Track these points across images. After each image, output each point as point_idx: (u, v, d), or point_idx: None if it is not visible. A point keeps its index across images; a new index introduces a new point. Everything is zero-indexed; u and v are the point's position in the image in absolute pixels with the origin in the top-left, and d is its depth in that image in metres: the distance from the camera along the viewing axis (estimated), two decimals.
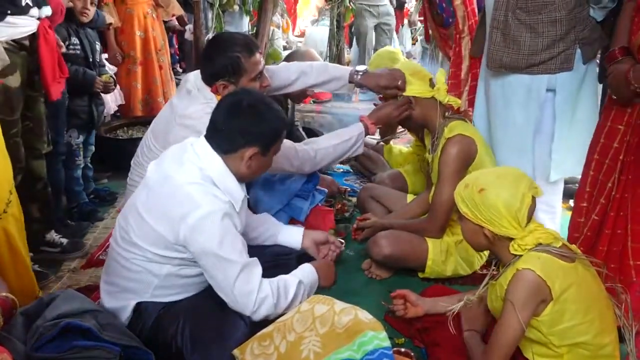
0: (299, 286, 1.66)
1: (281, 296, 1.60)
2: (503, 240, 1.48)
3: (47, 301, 1.53)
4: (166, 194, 1.53)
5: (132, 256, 1.57)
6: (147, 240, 1.54)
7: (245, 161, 1.58)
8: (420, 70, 2.22)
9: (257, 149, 1.58)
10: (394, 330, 1.82)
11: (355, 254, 2.42)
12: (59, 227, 2.50)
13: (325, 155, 2.25)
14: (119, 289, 1.63)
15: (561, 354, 1.42)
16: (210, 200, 1.51)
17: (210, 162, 1.56)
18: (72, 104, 2.69)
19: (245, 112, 1.58)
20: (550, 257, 1.40)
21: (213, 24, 4.34)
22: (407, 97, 2.15)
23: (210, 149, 1.58)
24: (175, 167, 1.56)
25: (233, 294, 1.53)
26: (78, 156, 2.82)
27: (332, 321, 1.42)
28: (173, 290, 1.62)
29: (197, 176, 1.53)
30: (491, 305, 1.56)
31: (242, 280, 1.53)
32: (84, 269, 2.33)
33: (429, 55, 4.28)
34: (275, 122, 1.62)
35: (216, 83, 1.94)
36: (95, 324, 1.46)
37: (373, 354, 1.34)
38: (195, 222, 1.48)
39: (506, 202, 1.44)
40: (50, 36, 1.91)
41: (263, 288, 1.57)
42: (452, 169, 2.01)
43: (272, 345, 1.45)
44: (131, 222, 1.58)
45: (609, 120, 1.69)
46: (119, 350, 1.42)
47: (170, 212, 1.50)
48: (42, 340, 1.38)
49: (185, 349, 1.54)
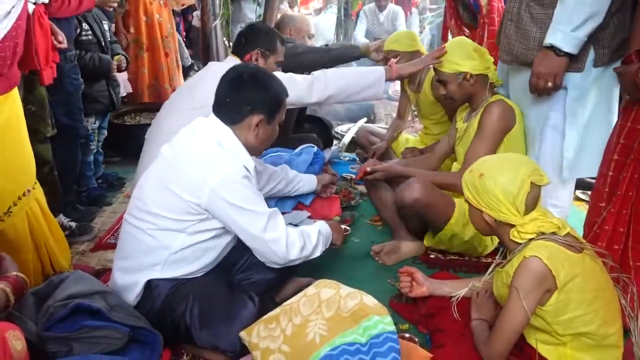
0: (319, 234, 1.76)
1: (306, 241, 1.71)
2: (503, 226, 1.48)
3: (57, 282, 1.55)
4: (186, 162, 1.60)
5: (147, 226, 1.61)
6: (166, 208, 1.59)
7: (253, 129, 1.65)
8: (479, 47, 2.25)
9: (262, 116, 1.65)
10: (399, 316, 1.84)
11: (362, 241, 2.44)
12: (69, 211, 2.53)
13: (336, 78, 2.27)
14: (132, 264, 1.65)
15: (565, 342, 1.43)
16: (228, 162, 1.58)
17: (222, 133, 1.63)
18: (91, 91, 2.73)
19: (247, 82, 1.65)
20: (557, 246, 1.40)
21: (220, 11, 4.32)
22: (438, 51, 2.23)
23: (219, 122, 1.65)
24: (190, 139, 1.64)
25: (265, 241, 1.61)
26: (92, 141, 2.86)
27: (338, 305, 1.43)
28: (184, 263, 1.64)
29: (212, 143, 1.61)
30: (497, 292, 1.57)
31: (270, 227, 1.61)
32: (93, 252, 2.36)
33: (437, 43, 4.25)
34: (277, 89, 1.70)
35: (252, 51, 2.26)
36: (105, 304, 1.48)
37: (378, 338, 1.35)
38: (217, 184, 1.54)
39: (503, 188, 1.44)
40: (45, 21, 1.95)
41: (290, 233, 1.66)
42: (491, 127, 2.10)
43: (278, 327, 1.47)
44: (148, 194, 1.62)
45: (629, 121, 1.66)
46: (127, 330, 1.45)
47: (192, 178, 1.56)
48: (53, 320, 1.41)
49: (194, 327, 1.57)
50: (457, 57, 2.16)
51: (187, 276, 1.65)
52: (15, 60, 1.70)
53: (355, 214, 2.67)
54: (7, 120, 1.73)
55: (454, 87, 2.19)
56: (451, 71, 2.17)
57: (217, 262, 1.74)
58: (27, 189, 1.82)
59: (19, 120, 1.81)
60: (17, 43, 1.67)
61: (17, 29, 1.65)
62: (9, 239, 1.78)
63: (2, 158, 1.70)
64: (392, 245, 2.26)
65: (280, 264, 1.67)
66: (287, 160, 2.47)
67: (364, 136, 3.28)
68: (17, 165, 1.78)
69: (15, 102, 1.78)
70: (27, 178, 1.84)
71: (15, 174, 1.77)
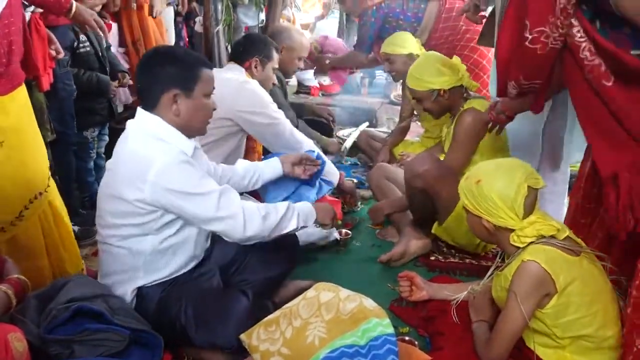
0: (289, 208, 1.70)
1: (270, 212, 1.64)
2: (503, 231, 1.49)
3: (59, 285, 1.57)
4: (121, 165, 1.58)
5: (112, 240, 1.61)
6: (121, 216, 1.58)
7: (171, 106, 1.58)
8: (448, 60, 2.26)
9: (177, 90, 1.58)
10: (399, 320, 1.84)
11: (363, 245, 2.45)
12: (71, 216, 2.54)
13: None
14: (115, 279, 1.66)
15: (564, 345, 1.43)
16: (161, 152, 1.54)
17: (148, 122, 1.59)
18: (90, 104, 2.70)
19: (153, 62, 1.62)
20: (555, 250, 1.40)
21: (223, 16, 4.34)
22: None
23: (144, 112, 1.61)
24: (123, 142, 1.63)
25: (221, 219, 1.57)
26: (92, 149, 2.85)
27: (337, 308, 1.44)
28: (163, 262, 1.64)
29: (141, 138, 1.58)
30: (496, 295, 1.57)
31: (223, 204, 1.56)
32: (95, 255, 2.37)
33: None
34: (184, 58, 1.63)
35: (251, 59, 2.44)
36: (107, 307, 1.49)
37: (377, 340, 1.36)
38: (156, 177, 1.51)
39: (500, 193, 1.44)
40: (42, 28, 1.99)
41: (247, 206, 1.61)
42: (462, 136, 2.14)
43: (278, 330, 1.47)
44: (103, 206, 1.63)
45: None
46: (128, 333, 1.46)
47: (131, 177, 1.53)
48: (55, 323, 1.42)
49: (189, 328, 1.58)
50: (427, 75, 2.19)
51: (174, 275, 1.66)
52: (13, 59, 1.68)
53: (356, 218, 2.68)
54: (18, 121, 1.72)
55: (430, 104, 2.24)
56: (424, 90, 2.20)
57: (200, 255, 1.73)
58: (39, 192, 1.80)
59: (29, 122, 1.81)
60: (11, 41, 1.65)
61: (10, 26, 1.63)
62: (22, 245, 1.76)
63: (11, 161, 1.69)
64: (399, 252, 2.24)
65: (242, 239, 1.62)
66: None
67: (365, 140, 3.30)
68: (27, 168, 1.77)
69: (25, 103, 1.78)
70: (38, 181, 1.81)
71: (25, 177, 1.75)
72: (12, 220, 1.72)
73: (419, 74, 2.21)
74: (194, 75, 1.61)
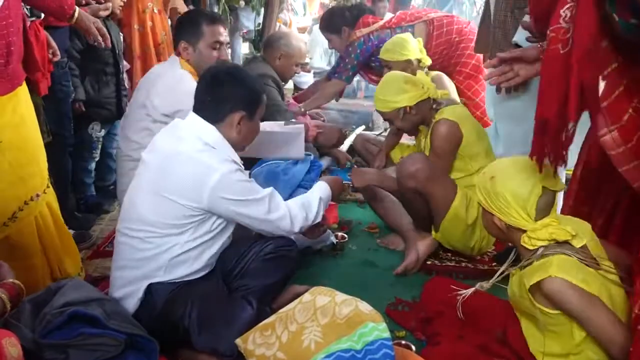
0: (319, 202, 1.86)
1: (308, 211, 1.82)
2: (515, 231, 1.45)
3: (54, 289, 1.55)
4: (178, 168, 1.60)
5: (145, 235, 1.62)
6: (165, 215, 1.60)
7: (235, 126, 1.69)
8: (410, 77, 2.29)
9: (243, 113, 1.68)
10: (395, 323, 1.84)
11: (359, 248, 2.45)
12: (67, 219, 2.53)
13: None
14: (132, 273, 1.65)
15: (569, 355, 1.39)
16: (220, 161, 1.61)
17: (206, 131, 1.65)
18: (99, 96, 2.72)
19: (225, 80, 1.70)
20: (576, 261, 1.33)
21: None
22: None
23: (202, 121, 1.67)
24: (176, 143, 1.65)
25: (272, 222, 1.72)
26: (95, 149, 2.85)
27: (333, 312, 1.44)
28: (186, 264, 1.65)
29: (199, 144, 1.63)
30: (511, 293, 1.53)
31: (273, 208, 1.71)
32: (91, 259, 2.37)
33: None
34: (254, 85, 1.75)
35: (180, 45, 2.31)
36: (102, 312, 1.48)
37: (373, 345, 1.35)
38: (215, 184, 1.58)
39: (513, 192, 1.41)
40: (41, 34, 1.99)
41: (291, 207, 1.77)
42: (439, 148, 2.18)
43: (274, 335, 1.47)
44: (143, 204, 1.63)
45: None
46: (124, 337, 1.45)
47: (188, 183, 1.58)
48: (50, 327, 1.41)
49: (193, 331, 1.59)
50: (390, 95, 2.22)
51: (187, 277, 1.66)
52: (12, 59, 1.67)
53: (352, 222, 2.68)
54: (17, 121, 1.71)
55: (400, 122, 2.26)
56: (390, 110, 2.22)
57: (214, 263, 1.75)
58: (36, 194, 1.80)
59: (30, 123, 1.80)
60: (9, 42, 1.64)
61: (9, 27, 1.62)
62: (14, 245, 1.76)
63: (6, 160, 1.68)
64: (413, 261, 2.21)
65: (289, 234, 1.81)
66: (283, 169, 2.48)
67: (361, 144, 3.30)
68: (24, 168, 1.76)
69: (26, 103, 1.78)
70: (36, 182, 1.81)
71: (21, 177, 1.75)
72: (4, 221, 1.71)
73: (383, 95, 2.25)
74: (258, 102, 1.74)
